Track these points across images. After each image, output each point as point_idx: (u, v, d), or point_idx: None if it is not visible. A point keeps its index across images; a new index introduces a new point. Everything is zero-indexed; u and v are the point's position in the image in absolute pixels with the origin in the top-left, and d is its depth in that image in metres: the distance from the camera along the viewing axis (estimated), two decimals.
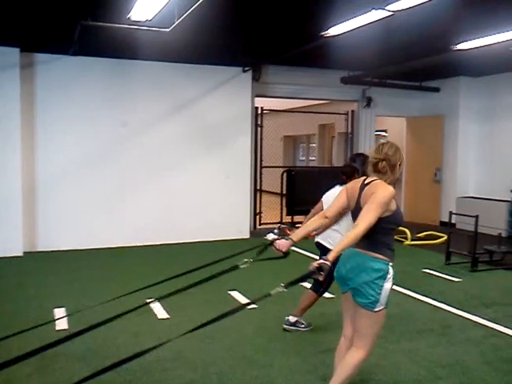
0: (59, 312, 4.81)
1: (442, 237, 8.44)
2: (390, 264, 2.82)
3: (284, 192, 10.11)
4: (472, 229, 6.73)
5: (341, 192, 3.03)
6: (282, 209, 10.13)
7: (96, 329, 2.37)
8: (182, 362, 3.76)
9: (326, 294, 4.78)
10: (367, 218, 2.66)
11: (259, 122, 9.80)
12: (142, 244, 8.19)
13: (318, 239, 4.37)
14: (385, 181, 2.83)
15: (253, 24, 6.67)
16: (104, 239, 7.98)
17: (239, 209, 9.10)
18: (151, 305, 5.07)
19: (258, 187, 9.92)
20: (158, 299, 3.65)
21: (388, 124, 12.63)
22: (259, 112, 9.78)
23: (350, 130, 10.86)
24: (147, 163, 8.40)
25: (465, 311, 4.98)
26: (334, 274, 2.95)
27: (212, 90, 8.83)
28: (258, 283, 5.73)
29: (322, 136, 15.79)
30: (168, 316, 4.79)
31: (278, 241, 3.07)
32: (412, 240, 8.59)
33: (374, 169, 2.88)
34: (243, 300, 5.25)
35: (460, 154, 10.58)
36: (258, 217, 9.89)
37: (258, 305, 4.96)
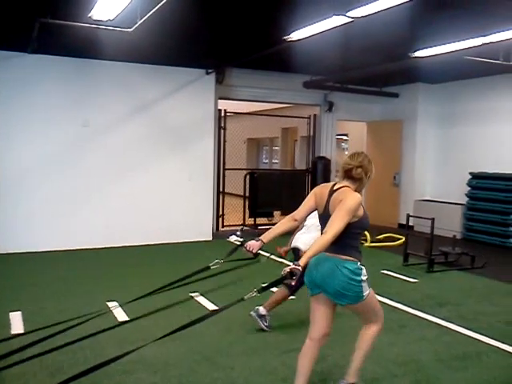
0: (15, 316, 4.70)
1: (401, 239, 8.66)
2: (359, 263, 3.01)
3: (247, 194, 10.16)
4: (429, 231, 6.94)
5: (309, 196, 3.14)
6: (244, 211, 10.17)
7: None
8: (143, 364, 3.73)
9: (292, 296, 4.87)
10: (336, 225, 2.80)
11: (222, 125, 9.82)
12: (104, 246, 8.05)
13: (292, 245, 4.56)
14: (355, 188, 2.99)
15: (216, 27, 6.69)
16: (66, 241, 7.84)
17: (202, 211, 9.09)
18: (111, 307, 5.05)
19: (221, 189, 9.94)
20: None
21: (349, 128, 12.87)
22: (222, 114, 9.80)
23: (311, 134, 11.01)
24: (110, 164, 8.29)
25: (420, 311, 5.13)
26: (305, 278, 3.05)
27: (175, 92, 8.80)
28: (222, 286, 5.74)
29: (284, 139, 15.94)
30: (128, 319, 4.73)
31: (249, 242, 3.12)
32: (372, 242, 8.77)
33: (346, 175, 3.01)
34: (206, 303, 5.24)
35: (418, 158, 10.89)
36: (220, 219, 9.89)
37: (218, 306, 4.99)
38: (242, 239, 6.46)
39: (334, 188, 3.01)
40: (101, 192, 8.22)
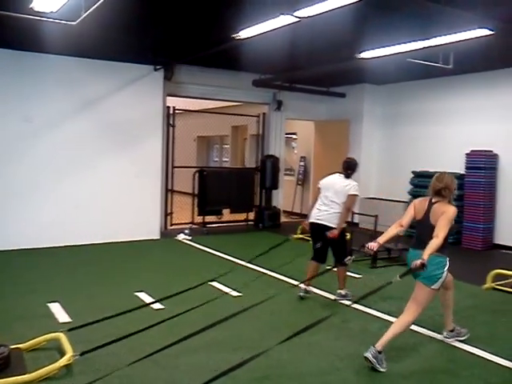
0: None
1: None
2: (447, 258, 3.90)
3: (196, 192, 10.11)
4: (373, 227, 7.14)
5: (410, 206, 4.12)
6: (193, 209, 10.11)
7: None
8: (85, 366, 3.65)
9: (234, 293, 4.94)
10: (444, 230, 3.72)
11: (171, 122, 9.72)
12: (49, 246, 7.77)
13: (315, 221, 5.46)
14: (447, 202, 3.90)
15: (164, 22, 6.63)
16: (9, 240, 7.52)
17: (149, 209, 8.97)
18: (52, 308, 4.92)
19: (170, 187, 9.84)
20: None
21: (298, 127, 13.03)
22: (171, 112, 9.70)
23: (261, 132, 11.08)
24: (55, 162, 8.03)
25: (364, 305, 5.25)
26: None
27: (123, 88, 8.63)
28: (165, 283, 5.70)
29: (234, 137, 15.94)
30: (70, 320, 4.62)
31: (369, 243, 4.07)
32: None
33: (436, 193, 3.92)
34: (150, 301, 5.17)
35: (363, 156, 11.13)
36: (169, 217, 9.80)
37: (165, 306, 4.95)
38: (190, 237, 6.53)
39: (432, 201, 3.92)
40: (45, 190, 7.95)
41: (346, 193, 5.35)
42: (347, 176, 5.51)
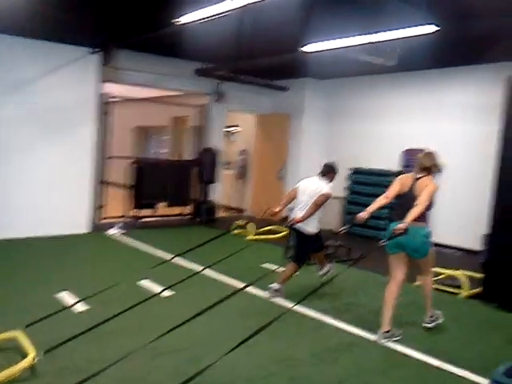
0: None
1: (283, 231, 8.76)
2: (429, 226, 4.36)
3: (131, 184, 9.70)
4: None
5: (396, 182, 4.50)
6: (128, 202, 9.70)
7: None
8: None
9: (165, 293, 4.71)
10: (426, 200, 4.17)
11: (107, 110, 9.25)
12: None
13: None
14: (430, 176, 4.34)
15: (103, 1, 6.21)
16: None
17: (79, 202, 8.45)
18: None
19: (103, 179, 9.38)
20: None
21: (239, 120, 12.85)
22: (106, 99, 9.23)
23: (201, 124, 10.80)
24: None
25: (298, 304, 5.16)
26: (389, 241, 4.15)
27: (54, 71, 8.05)
28: (91, 282, 5.37)
29: (174, 128, 15.54)
30: None
31: (359, 214, 4.34)
32: (255, 235, 8.80)
33: (422, 169, 4.37)
34: (73, 302, 4.82)
35: (303, 151, 11.14)
36: (100, 210, 9.33)
37: (90, 306, 4.62)
38: (123, 232, 6.20)
39: (417, 177, 4.35)
40: None
41: (317, 194, 5.44)
42: (322, 178, 5.71)
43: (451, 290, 6.00)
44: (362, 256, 3.89)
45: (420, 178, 4.35)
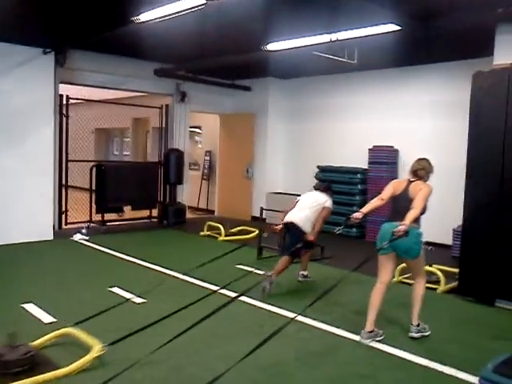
0: None
1: (254, 231, 8.65)
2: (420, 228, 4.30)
3: (94, 188, 9.38)
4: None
5: (389, 185, 4.49)
6: (91, 206, 9.38)
7: None
8: None
9: (138, 300, 4.50)
10: (421, 204, 4.15)
11: (64, 112, 8.90)
12: None
13: (288, 220, 5.73)
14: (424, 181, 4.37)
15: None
16: None
17: (40, 207, 8.10)
18: None
19: (64, 183, 9.02)
20: None
21: (203, 120, 12.68)
22: (64, 101, 8.88)
23: (164, 125, 10.56)
24: None
25: (279, 307, 5.04)
26: (379, 241, 4.27)
27: (5, 73, 7.67)
28: (57, 291, 5.10)
29: (136, 130, 15.22)
30: None
31: (353, 214, 4.35)
32: (226, 236, 8.65)
33: (415, 174, 4.41)
34: (40, 313, 4.56)
35: (269, 151, 11.09)
36: (63, 215, 8.98)
37: (57, 319, 4.39)
38: (87, 237, 5.92)
39: (411, 180, 4.39)
40: None
41: (320, 204, 5.81)
42: (318, 190, 6.10)
43: (427, 285, 6.00)
44: (366, 260, 3.75)
45: (413, 181, 4.40)
